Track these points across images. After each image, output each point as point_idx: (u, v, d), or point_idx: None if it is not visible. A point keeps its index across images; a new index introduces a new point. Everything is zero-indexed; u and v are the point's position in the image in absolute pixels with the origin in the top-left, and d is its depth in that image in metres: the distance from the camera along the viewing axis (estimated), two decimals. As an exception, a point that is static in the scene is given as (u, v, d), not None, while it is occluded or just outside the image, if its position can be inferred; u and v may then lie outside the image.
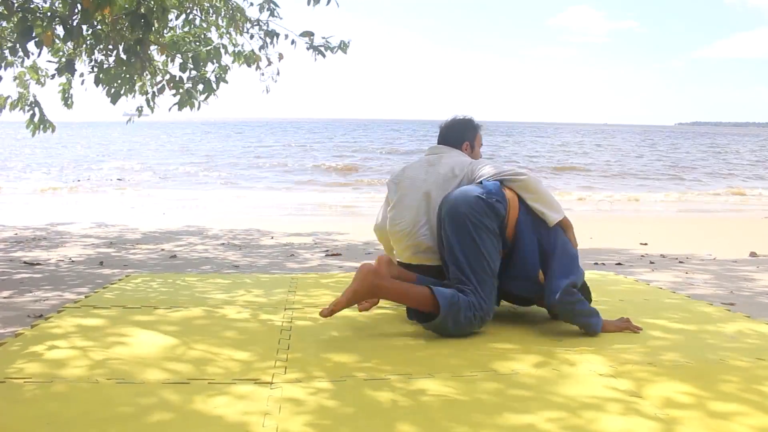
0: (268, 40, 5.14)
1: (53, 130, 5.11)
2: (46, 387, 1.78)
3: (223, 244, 5.41)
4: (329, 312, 2.32)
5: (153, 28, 3.94)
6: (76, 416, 1.60)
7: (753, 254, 5.04)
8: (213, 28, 5.35)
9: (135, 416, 1.60)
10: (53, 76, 5.00)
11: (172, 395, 1.73)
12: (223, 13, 5.21)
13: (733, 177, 17.60)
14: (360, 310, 2.50)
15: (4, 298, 3.10)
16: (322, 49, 4.93)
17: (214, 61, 4.89)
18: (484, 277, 2.35)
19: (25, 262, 4.21)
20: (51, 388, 1.77)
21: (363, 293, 2.30)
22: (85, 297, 2.95)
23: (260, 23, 5.17)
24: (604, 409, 1.66)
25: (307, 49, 4.94)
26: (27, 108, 4.99)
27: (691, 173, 18.48)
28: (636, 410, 1.66)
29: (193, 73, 4.89)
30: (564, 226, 2.49)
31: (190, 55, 4.77)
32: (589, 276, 3.64)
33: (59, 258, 4.45)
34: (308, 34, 4.92)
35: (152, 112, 5.36)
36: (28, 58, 3.75)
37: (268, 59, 5.29)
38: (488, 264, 2.35)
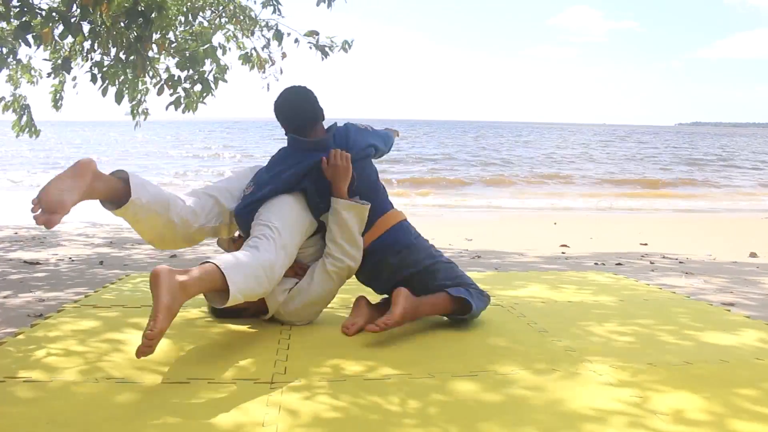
0: (275, 42, 5.15)
1: (37, 136, 5.12)
2: (46, 387, 1.78)
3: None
4: (356, 330, 2.33)
5: (152, 26, 3.93)
6: (76, 416, 1.60)
7: (753, 255, 5.03)
8: (220, 31, 5.36)
9: (134, 417, 1.60)
10: (49, 74, 5.00)
11: (171, 396, 1.73)
12: (231, 12, 5.21)
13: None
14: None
15: (4, 297, 3.09)
16: (326, 48, 4.92)
17: (211, 60, 4.88)
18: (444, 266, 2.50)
19: (25, 262, 4.21)
20: (51, 388, 1.77)
21: (408, 317, 2.28)
22: (85, 297, 2.95)
23: (267, 23, 5.18)
24: (607, 421, 1.61)
25: (311, 48, 4.93)
26: (18, 109, 5.00)
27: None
28: (641, 423, 1.63)
29: (191, 72, 4.89)
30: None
31: (187, 54, 4.76)
32: (589, 276, 3.64)
33: (59, 258, 4.45)
34: (313, 34, 4.91)
35: (134, 120, 5.34)
36: (30, 46, 3.75)
37: (271, 59, 5.30)
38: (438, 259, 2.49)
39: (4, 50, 4.30)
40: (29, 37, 3.48)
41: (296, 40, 5.00)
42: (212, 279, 1.96)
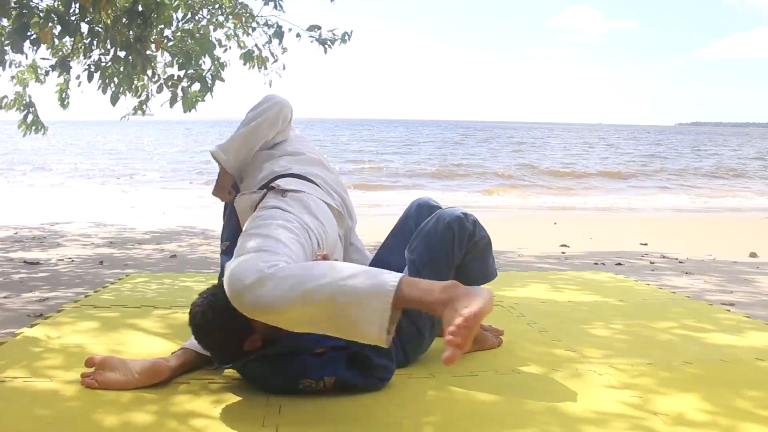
0: (276, 40, 5.16)
1: (45, 132, 5.11)
2: (46, 387, 1.78)
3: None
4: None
5: (152, 25, 3.93)
6: (76, 416, 1.60)
7: (753, 255, 5.03)
8: (220, 30, 5.37)
9: (135, 416, 1.60)
10: (47, 72, 5.00)
11: (172, 396, 1.73)
12: (227, 10, 5.21)
13: None
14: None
15: (4, 297, 3.09)
16: (328, 41, 4.94)
17: (206, 56, 4.88)
18: None
19: (25, 262, 4.21)
20: (50, 389, 1.77)
21: None
22: (85, 297, 2.95)
23: (267, 21, 5.19)
24: (608, 422, 1.62)
25: (313, 41, 4.95)
26: (22, 108, 4.99)
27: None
28: (642, 423, 1.64)
29: (191, 71, 4.89)
30: None
31: (183, 52, 4.76)
32: (589, 276, 3.64)
33: (59, 257, 4.45)
34: (315, 28, 4.93)
35: (143, 114, 5.37)
36: (23, 53, 3.74)
37: (273, 55, 5.31)
38: None
39: (6, 49, 4.29)
40: (27, 40, 3.47)
41: (298, 35, 5.01)
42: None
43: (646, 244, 5.61)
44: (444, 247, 1.94)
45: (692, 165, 21.20)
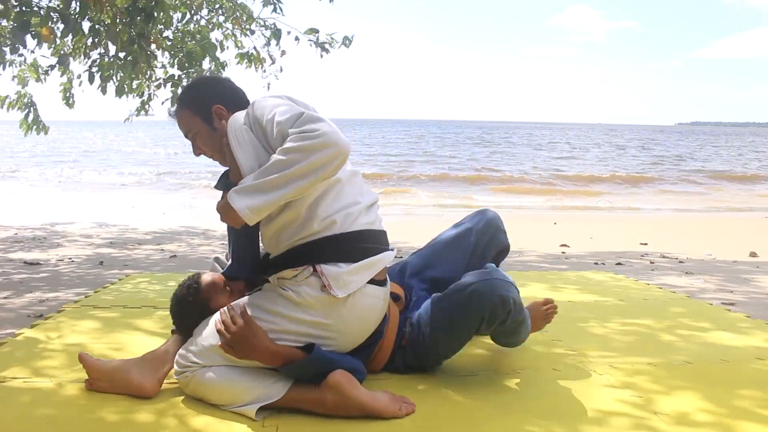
0: (273, 41, 5.16)
1: (46, 132, 5.11)
2: (46, 387, 1.78)
3: (224, 244, 5.41)
4: None
5: (154, 21, 3.92)
6: (76, 416, 1.60)
7: (753, 254, 5.04)
8: (218, 29, 5.36)
9: (135, 416, 1.60)
10: (46, 71, 5.00)
11: (171, 395, 1.73)
12: (227, 11, 5.22)
13: None
14: None
15: (4, 298, 3.09)
16: (327, 45, 4.93)
17: (209, 56, 4.87)
18: None
19: (25, 262, 4.21)
20: (50, 389, 1.77)
21: None
22: (85, 297, 2.95)
23: (265, 22, 5.19)
24: (608, 421, 1.62)
25: (311, 45, 4.94)
26: (23, 107, 4.99)
27: None
28: (642, 423, 1.64)
29: (191, 71, 4.88)
30: None
31: (183, 54, 4.76)
32: (589, 276, 3.65)
33: (59, 258, 4.45)
34: (313, 31, 4.92)
35: (146, 114, 5.38)
36: (25, 48, 3.74)
37: (271, 57, 5.31)
38: None
39: (6, 49, 4.29)
40: (28, 36, 3.47)
41: (296, 38, 5.00)
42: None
43: (646, 244, 5.61)
44: (469, 326, 1.82)
45: (693, 165, 21.32)
